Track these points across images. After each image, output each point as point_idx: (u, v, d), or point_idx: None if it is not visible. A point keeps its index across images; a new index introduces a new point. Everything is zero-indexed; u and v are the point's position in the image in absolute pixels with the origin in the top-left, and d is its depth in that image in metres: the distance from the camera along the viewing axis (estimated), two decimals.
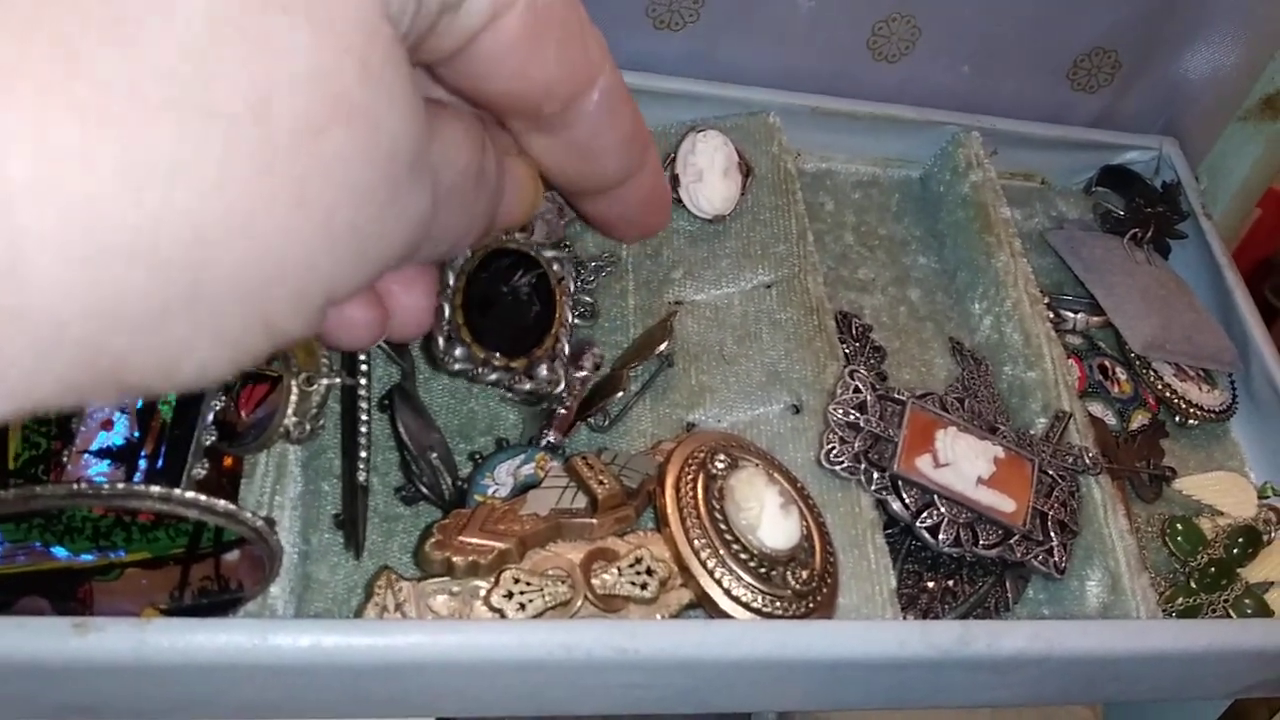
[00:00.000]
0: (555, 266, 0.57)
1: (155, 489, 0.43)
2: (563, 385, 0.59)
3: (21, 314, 0.19)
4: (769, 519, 0.57)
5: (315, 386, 0.53)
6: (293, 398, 0.52)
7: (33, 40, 0.18)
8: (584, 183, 0.35)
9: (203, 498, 0.44)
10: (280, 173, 0.22)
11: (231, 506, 0.45)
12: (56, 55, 0.18)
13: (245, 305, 0.23)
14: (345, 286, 0.25)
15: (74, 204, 0.18)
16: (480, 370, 0.57)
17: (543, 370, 0.58)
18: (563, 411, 0.63)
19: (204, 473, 0.49)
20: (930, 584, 0.65)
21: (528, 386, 0.59)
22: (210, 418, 0.49)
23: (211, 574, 0.48)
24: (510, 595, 0.54)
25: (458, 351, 0.56)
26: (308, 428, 0.54)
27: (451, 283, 0.54)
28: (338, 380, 0.55)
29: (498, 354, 0.58)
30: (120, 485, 0.43)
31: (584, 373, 0.63)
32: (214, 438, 0.50)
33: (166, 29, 0.19)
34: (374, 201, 0.25)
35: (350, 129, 0.23)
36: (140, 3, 0.19)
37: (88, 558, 0.45)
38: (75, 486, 0.43)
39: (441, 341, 0.56)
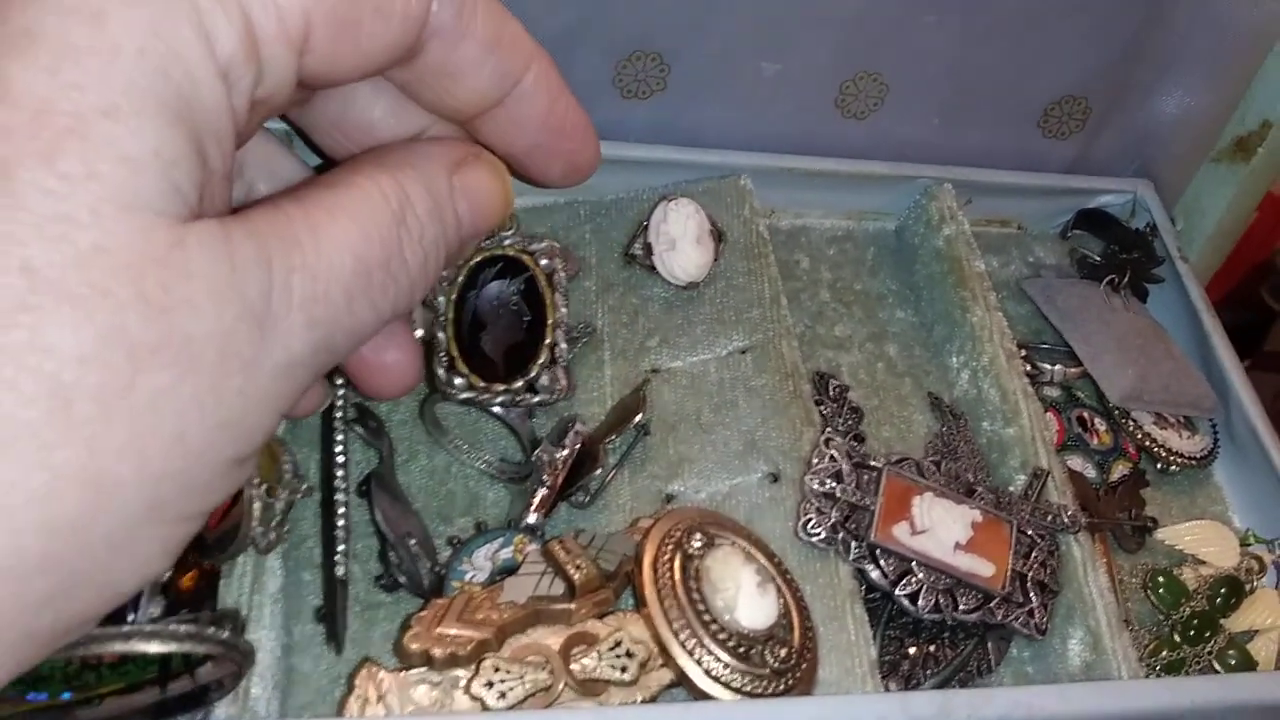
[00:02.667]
0: (543, 263, 0.56)
1: (110, 629, 0.43)
2: (564, 385, 0.57)
3: None
4: (745, 599, 0.57)
5: (276, 499, 0.53)
6: (255, 509, 0.52)
7: None
8: (454, 102, 0.35)
9: (161, 627, 0.44)
10: (103, 442, 0.24)
11: (192, 628, 0.45)
12: None
13: (145, 530, 0.26)
14: (248, 446, 0.28)
15: None
16: (484, 396, 0.56)
17: (544, 379, 0.57)
18: (543, 491, 0.63)
19: (159, 610, 0.49)
20: (912, 650, 0.65)
21: (535, 400, 0.58)
22: None
23: (190, 686, 0.48)
24: (490, 684, 0.54)
25: (458, 381, 0.55)
26: (273, 536, 0.54)
27: (441, 309, 0.53)
28: (299, 494, 0.55)
29: (496, 382, 0.58)
30: None
31: (564, 452, 0.63)
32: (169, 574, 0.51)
33: None
34: (229, 386, 0.26)
35: (155, 361, 0.25)
36: None
37: (66, 696, 0.45)
38: None
39: (442, 373, 0.55)
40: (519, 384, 0.55)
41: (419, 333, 0.44)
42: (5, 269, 0.23)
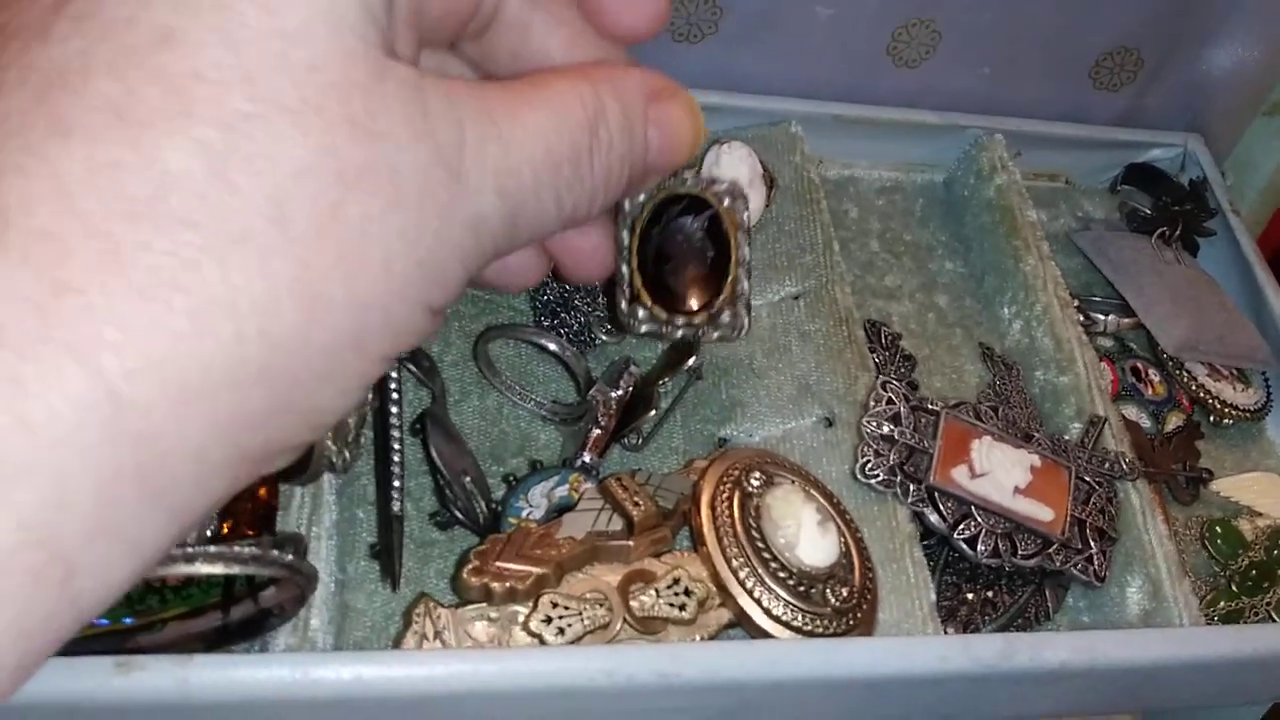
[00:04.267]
0: (726, 203, 0.56)
1: (174, 551, 0.42)
2: (745, 323, 0.56)
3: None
4: (807, 536, 0.56)
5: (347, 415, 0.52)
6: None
7: (83, 258, 0.22)
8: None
9: (225, 550, 0.43)
10: (317, 259, 0.24)
11: (256, 550, 0.44)
12: (106, 257, 0.22)
13: (349, 358, 0.26)
14: (441, 295, 0.28)
15: (162, 354, 0.23)
16: (666, 328, 0.55)
17: (725, 317, 0.56)
18: (597, 432, 0.62)
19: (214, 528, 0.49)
20: (969, 595, 0.64)
21: (715, 335, 0.56)
22: None
23: (252, 610, 0.47)
24: (549, 620, 0.54)
25: (640, 313, 0.54)
26: (348, 455, 0.53)
27: (625, 241, 0.52)
28: (366, 408, 0.54)
29: (679, 314, 0.56)
30: None
31: (619, 392, 0.63)
32: None
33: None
34: (427, 226, 0.27)
35: (363, 186, 0.25)
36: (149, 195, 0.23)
37: (128, 621, 0.45)
38: None
39: (624, 304, 0.54)
40: (701, 316, 0.54)
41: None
42: (229, 81, 0.24)
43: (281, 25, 0.24)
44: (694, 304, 0.54)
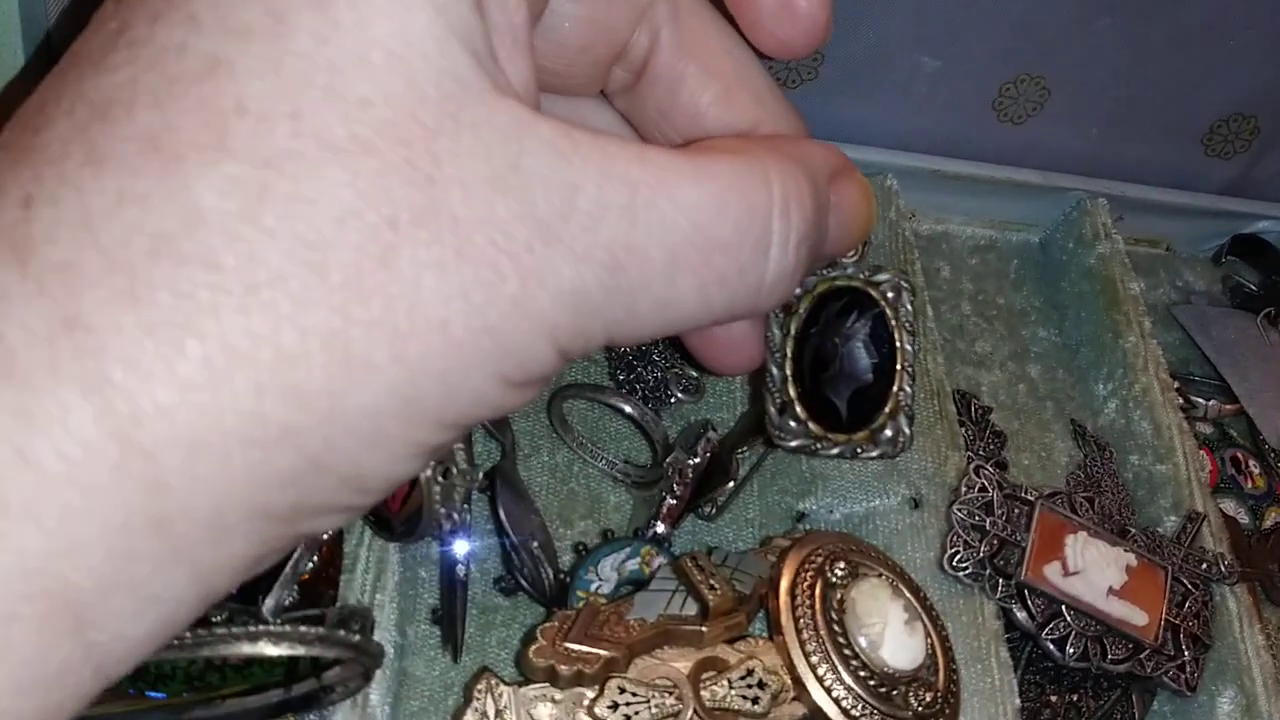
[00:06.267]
0: (889, 295, 0.49)
1: (237, 629, 0.40)
2: (908, 437, 0.49)
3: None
4: (893, 637, 0.53)
5: (454, 481, 0.50)
6: (435, 490, 0.49)
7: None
8: None
9: (290, 630, 0.41)
10: (359, 311, 0.22)
11: (322, 631, 0.42)
12: (122, 294, 0.21)
13: (395, 425, 0.23)
14: (519, 370, 0.25)
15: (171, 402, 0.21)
16: (819, 445, 0.50)
17: (887, 432, 0.50)
18: (672, 501, 0.59)
19: (292, 598, 0.46)
20: (1054, 698, 0.61)
21: (876, 453, 0.50)
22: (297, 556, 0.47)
23: (314, 687, 0.45)
24: (615, 706, 0.51)
25: (792, 426, 0.49)
26: (456, 519, 0.51)
27: (777, 343, 0.47)
28: (475, 482, 0.52)
29: (836, 431, 0.50)
30: (200, 632, 0.39)
31: (697, 460, 0.60)
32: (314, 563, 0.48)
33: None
34: (501, 290, 0.23)
35: (419, 236, 0.22)
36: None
37: (187, 695, 0.42)
38: None
39: (773, 412, 0.49)
40: (861, 434, 0.48)
41: None
42: (273, 115, 0.22)
43: (335, 55, 0.22)
44: (853, 419, 0.48)
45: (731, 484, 0.61)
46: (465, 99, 0.23)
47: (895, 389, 0.49)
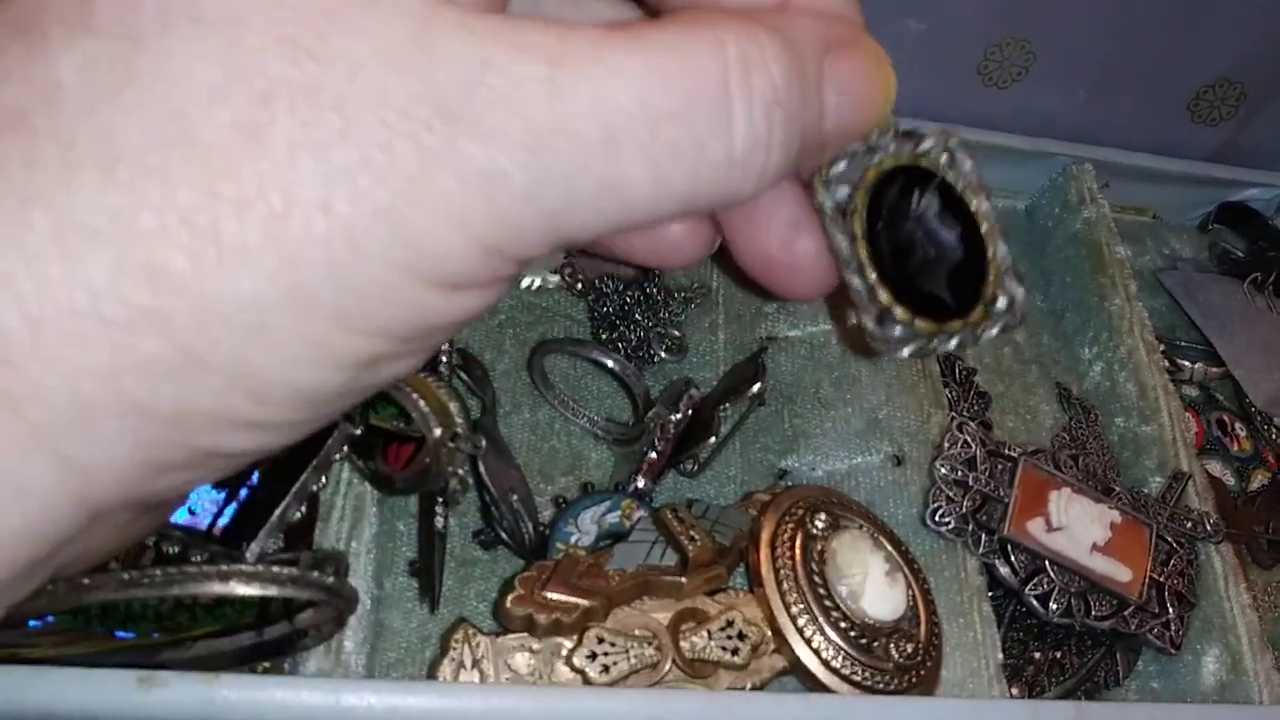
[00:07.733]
0: (943, 161, 0.45)
1: (208, 568, 0.39)
2: (1022, 299, 0.45)
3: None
4: (873, 588, 0.53)
5: (457, 446, 0.49)
6: (442, 453, 0.48)
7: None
8: None
9: (262, 569, 0.40)
10: (228, 188, 0.21)
11: (295, 572, 0.41)
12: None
13: (285, 319, 0.22)
14: (433, 267, 0.23)
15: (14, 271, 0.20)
16: (935, 342, 0.46)
17: (1001, 302, 0.46)
18: (653, 456, 0.59)
19: (277, 546, 0.46)
20: (1037, 655, 0.60)
21: (997, 329, 0.47)
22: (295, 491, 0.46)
23: (287, 630, 0.45)
24: (594, 656, 0.51)
25: (899, 332, 0.45)
26: (457, 484, 0.50)
27: (847, 252, 0.43)
28: (479, 449, 0.51)
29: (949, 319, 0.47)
30: (170, 569, 0.39)
31: (678, 416, 0.59)
32: (301, 513, 0.48)
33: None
34: (395, 171, 0.22)
35: (297, 113, 0.21)
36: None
37: (155, 636, 0.42)
38: (124, 577, 0.39)
39: (874, 328, 0.46)
40: (976, 313, 0.44)
41: None
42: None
43: None
44: (961, 301, 0.45)
45: (713, 440, 0.60)
46: None
47: (990, 254, 0.46)
